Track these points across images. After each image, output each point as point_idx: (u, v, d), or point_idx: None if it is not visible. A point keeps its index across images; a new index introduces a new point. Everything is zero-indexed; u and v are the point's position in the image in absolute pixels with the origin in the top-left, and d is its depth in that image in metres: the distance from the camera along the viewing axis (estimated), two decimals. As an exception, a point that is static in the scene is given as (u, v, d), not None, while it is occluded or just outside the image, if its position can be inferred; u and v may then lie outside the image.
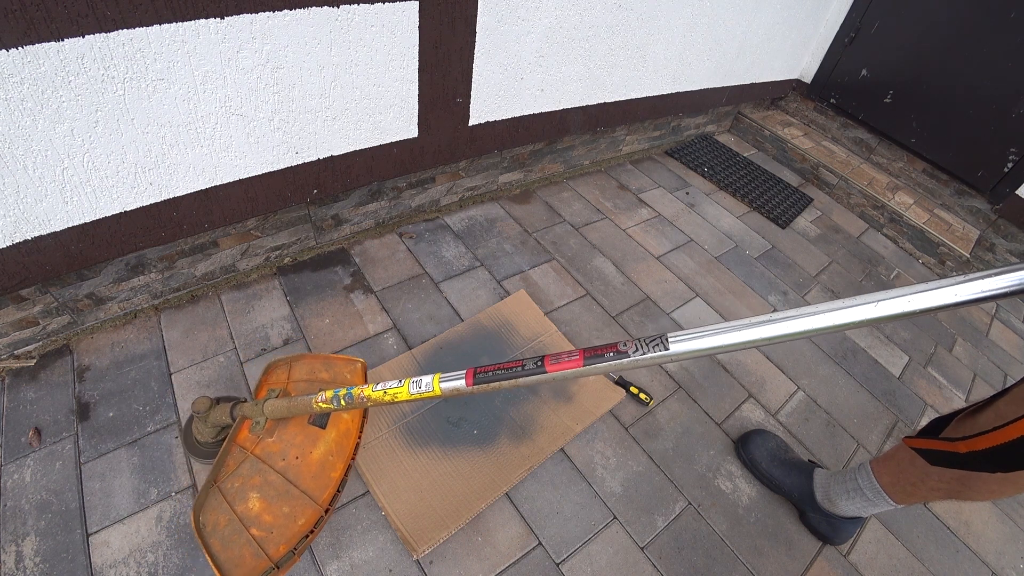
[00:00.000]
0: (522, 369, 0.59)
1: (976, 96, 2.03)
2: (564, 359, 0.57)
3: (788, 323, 0.47)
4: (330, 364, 1.11)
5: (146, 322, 1.27)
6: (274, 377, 1.08)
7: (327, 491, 0.94)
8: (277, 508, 0.91)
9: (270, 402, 0.92)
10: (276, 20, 0.97)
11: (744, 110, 2.62)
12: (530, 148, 1.80)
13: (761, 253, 1.93)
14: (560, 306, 1.53)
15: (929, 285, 0.43)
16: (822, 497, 1.11)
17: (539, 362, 0.59)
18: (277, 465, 0.95)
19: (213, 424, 0.98)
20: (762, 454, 1.22)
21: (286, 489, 0.93)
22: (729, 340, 0.50)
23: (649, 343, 0.52)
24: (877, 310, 0.44)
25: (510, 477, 1.10)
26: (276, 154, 1.16)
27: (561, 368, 0.57)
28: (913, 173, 2.36)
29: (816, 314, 0.46)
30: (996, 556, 1.22)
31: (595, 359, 0.55)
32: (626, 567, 1.04)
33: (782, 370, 1.50)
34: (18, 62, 0.76)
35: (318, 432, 1.00)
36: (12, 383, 1.11)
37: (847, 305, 0.45)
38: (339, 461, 0.98)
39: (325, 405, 0.82)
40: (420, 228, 1.67)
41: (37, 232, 0.95)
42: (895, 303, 0.43)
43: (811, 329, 0.46)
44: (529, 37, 1.38)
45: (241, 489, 0.92)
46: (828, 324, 0.46)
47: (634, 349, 0.53)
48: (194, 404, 0.95)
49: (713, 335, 0.50)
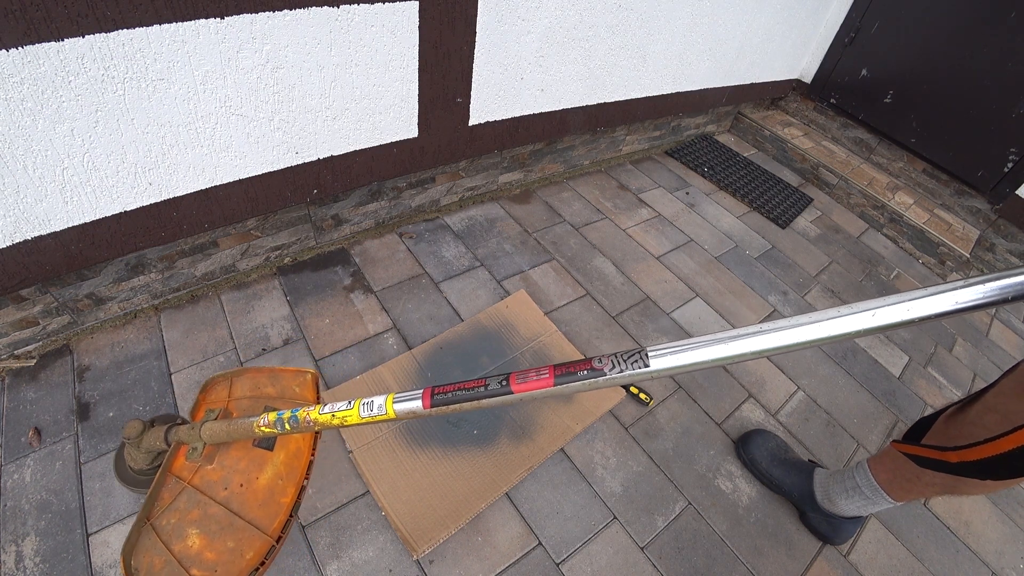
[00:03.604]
0: (485, 389, 0.54)
1: (976, 96, 2.03)
2: (532, 378, 0.52)
3: (782, 334, 0.44)
4: (276, 378, 1.02)
5: (146, 322, 1.27)
6: (213, 395, 0.98)
7: (277, 519, 0.86)
8: (221, 543, 0.82)
9: (208, 425, 0.83)
10: (276, 20, 0.97)
11: (744, 110, 2.62)
12: (530, 148, 1.80)
13: (761, 253, 1.93)
14: (560, 306, 1.53)
15: (929, 291, 0.41)
16: (822, 497, 1.11)
17: (504, 381, 0.53)
18: (219, 495, 0.87)
19: (147, 450, 0.88)
20: (762, 454, 1.22)
21: (230, 521, 0.84)
22: (717, 354, 0.45)
23: (627, 359, 0.48)
24: (875, 319, 0.42)
25: (510, 477, 1.10)
26: (276, 154, 1.16)
27: (528, 388, 0.52)
28: (913, 173, 2.36)
29: (810, 324, 0.43)
30: (996, 556, 1.22)
31: (567, 377, 0.50)
32: (626, 567, 1.04)
33: (782, 370, 1.50)
34: (18, 62, 0.76)
35: (264, 455, 0.91)
36: (12, 383, 1.11)
37: (843, 314, 0.43)
38: (289, 485, 0.89)
39: (268, 429, 0.75)
40: (420, 228, 1.67)
41: (37, 232, 0.95)
42: (894, 311, 0.41)
43: (806, 340, 0.44)
44: (529, 37, 1.38)
45: (178, 525, 0.83)
46: (824, 335, 0.43)
47: (611, 366, 0.48)
48: (125, 428, 0.87)
49: (698, 348, 0.46)
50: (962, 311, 0.40)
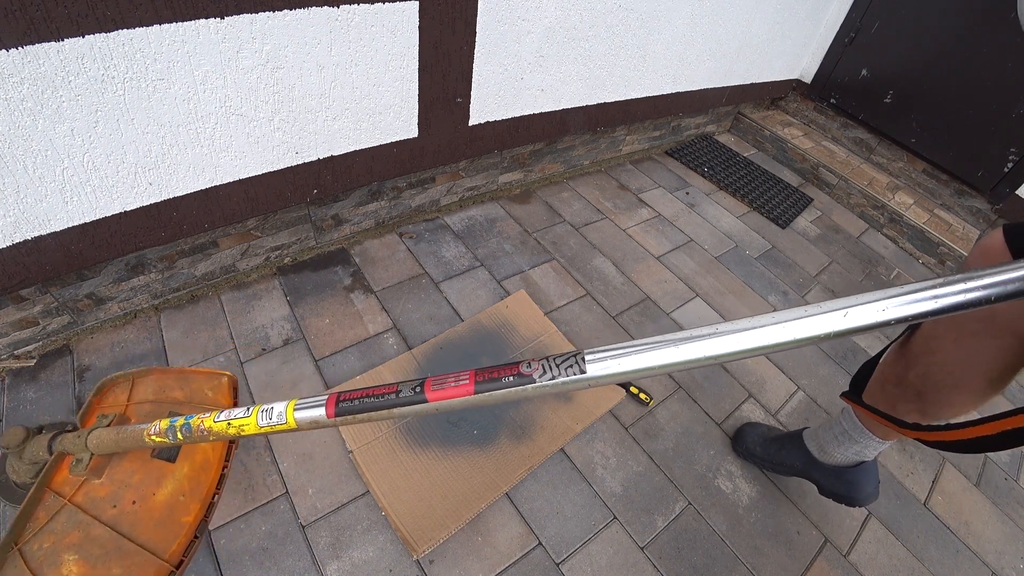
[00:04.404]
0: (396, 396, 0.49)
1: (976, 96, 2.03)
2: (450, 384, 0.46)
3: (740, 336, 0.39)
4: (186, 380, 0.91)
5: (146, 322, 1.27)
6: (110, 398, 0.86)
7: (176, 542, 0.74)
8: (104, 570, 0.71)
9: (95, 433, 0.73)
10: (276, 20, 0.97)
11: (744, 110, 2.62)
12: (530, 148, 1.80)
13: (761, 253, 1.93)
14: (560, 306, 1.53)
15: (906, 288, 0.37)
16: (818, 451, 1.09)
17: (418, 387, 0.48)
18: (105, 514, 0.75)
19: (31, 461, 0.78)
20: (755, 441, 1.23)
21: (117, 545, 0.73)
22: (665, 359, 0.40)
23: (560, 363, 0.42)
24: (848, 320, 0.37)
25: (510, 477, 1.10)
26: (276, 154, 1.16)
27: (445, 396, 0.46)
28: (913, 173, 2.36)
29: (773, 326, 0.38)
30: (996, 556, 1.22)
31: (490, 384, 0.44)
32: (626, 567, 1.04)
33: (782, 370, 1.50)
34: (18, 62, 0.76)
35: (164, 468, 0.80)
36: (12, 383, 1.11)
37: (811, 314, 0.37)
38: (193, 502, 0.78)
39: (159, 439, 0.67)
40: (420, 228, 1.67)
41: (37, 232, 0.95)
42: (867, 311, 0.36)
43: (770, 344, 0.38)
44: (529, 37, 1.38)
45: (53, 550, 0.71)
46: (788, 338, 0.38)
47: (540, 371, 0.43)
48: (4, 436, 0.76)
49: (644, 352, 0.40)
50: (944, 311, 0.36)
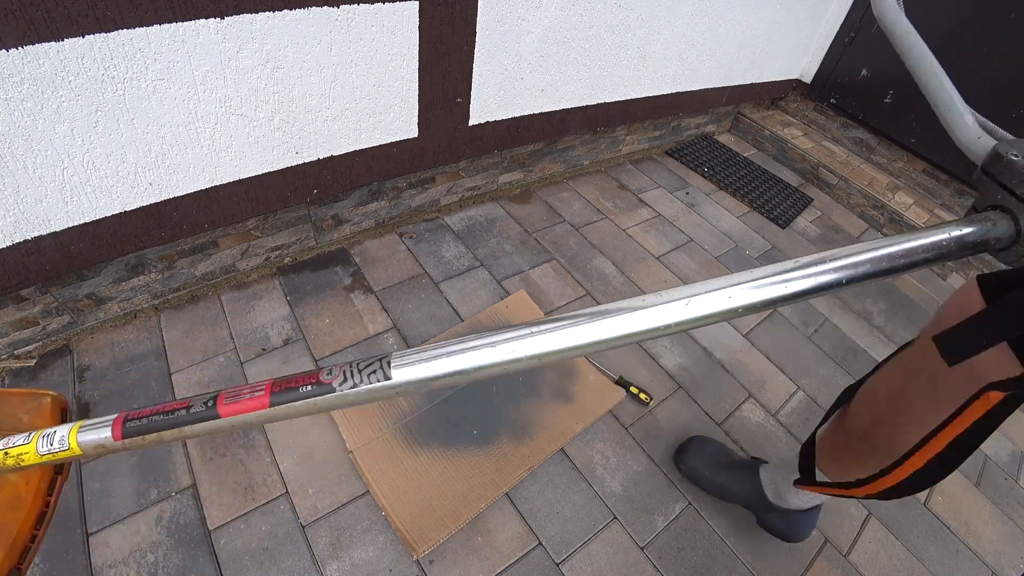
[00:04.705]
0: (187, 413, 0.44)
1: (976, 96, 2.03)
2: (244, 396, 0.42)
3: (567, 332, 0.34)
4: None
5: (146, 322, 1.27)
6: None
7: None
8: None
9: None
10: (276, 20, 0.97)
11: (744, 110, 2.62)
12: (530, 148, 1.80)
13: (761, 253, 1.93)
14: (560, 306, 1.53)
15: (755, 273, 0.35)
16: (773, 494, 1.05)
17: (210, 402, 0.44)
18: None
19: None
20: (703, 462, 1.14)
21: None
22: (482, 360, 0.35)
23: (363, 369, 0.39)
24: (690, 309, 0.33)
25: (510, 477, 1.10)
26: (276, 154, 1.16)
27: (240, 410, 0.43)
28: (913, 173, 2.36)
29: (607, 319, 0.34)
30: (996, 556, 1.22)
31: (287, 395, 0.41)
32: (626, 567, 1.04)
33: (782, 370, 1.50)
34: (18, 62, 0.76)
35: None
36: (12, 383, 1.11)
37: (648, 304, 0.34)
38: None
39: None
40: (420, 228, 1.67)
41: (37, 232, 0.95)
42: (712, 299, 0.34)
43: (604, 339, 0.34)
44: (529, 37, 1.38)
45: None
46: (625, 331, 0.34)
47: (341, 379, 0.39)
48: None
49: (457, 354, 0.35)
50: (795, 297, 0.34)
